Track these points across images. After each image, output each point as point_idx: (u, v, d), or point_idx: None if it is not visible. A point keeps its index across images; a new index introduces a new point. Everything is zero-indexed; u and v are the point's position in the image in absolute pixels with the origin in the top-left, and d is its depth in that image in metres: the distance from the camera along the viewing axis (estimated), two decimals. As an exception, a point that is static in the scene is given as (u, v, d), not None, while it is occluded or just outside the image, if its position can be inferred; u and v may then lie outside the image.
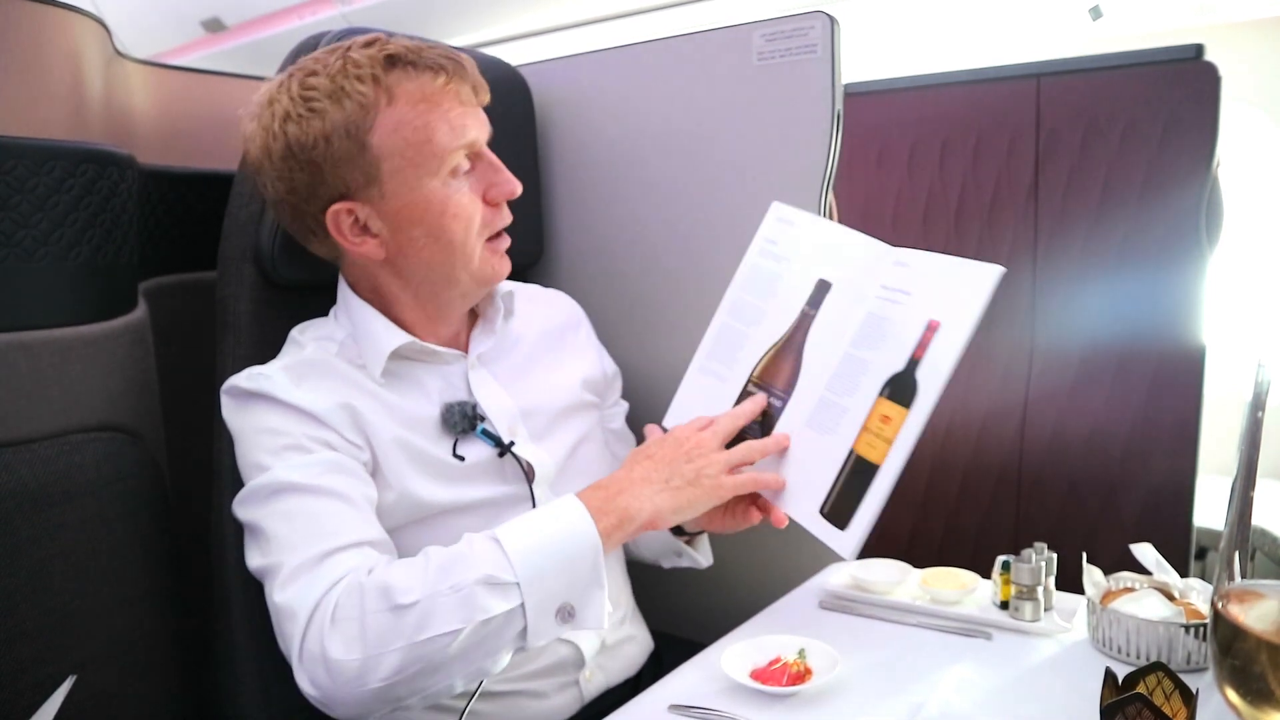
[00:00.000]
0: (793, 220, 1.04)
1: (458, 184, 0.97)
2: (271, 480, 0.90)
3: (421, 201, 0.95)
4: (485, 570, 0.82)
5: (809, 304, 0.98)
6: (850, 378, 0.93)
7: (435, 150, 0.94)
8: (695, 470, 0.93)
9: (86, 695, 0.99)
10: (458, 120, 0.95)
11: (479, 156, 0.99)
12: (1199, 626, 0.94)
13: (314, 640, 0.82)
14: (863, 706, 0.91)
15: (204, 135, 1.40)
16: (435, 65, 0.94)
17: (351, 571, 0.85)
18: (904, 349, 0.89)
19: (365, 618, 0.81)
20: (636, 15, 2.84)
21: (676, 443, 0.96)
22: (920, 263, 0.92)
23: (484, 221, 0.99)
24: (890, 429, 0.89)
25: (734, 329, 1.04)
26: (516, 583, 0.82)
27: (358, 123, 0.92)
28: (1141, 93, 1.74)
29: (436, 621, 0.80)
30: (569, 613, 0.86)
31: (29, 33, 1.09)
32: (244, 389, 0.96)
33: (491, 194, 0.99)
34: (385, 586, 0.82)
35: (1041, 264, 1.87)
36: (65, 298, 1.00)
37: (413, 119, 0.93)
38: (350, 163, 0.93)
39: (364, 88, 0.92)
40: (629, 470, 0.94)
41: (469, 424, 1.01)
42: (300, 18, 3.04)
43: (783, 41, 1.21)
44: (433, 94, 0.94)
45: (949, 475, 1.99)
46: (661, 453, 0.95)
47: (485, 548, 0.85)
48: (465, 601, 0.81)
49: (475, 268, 1.00)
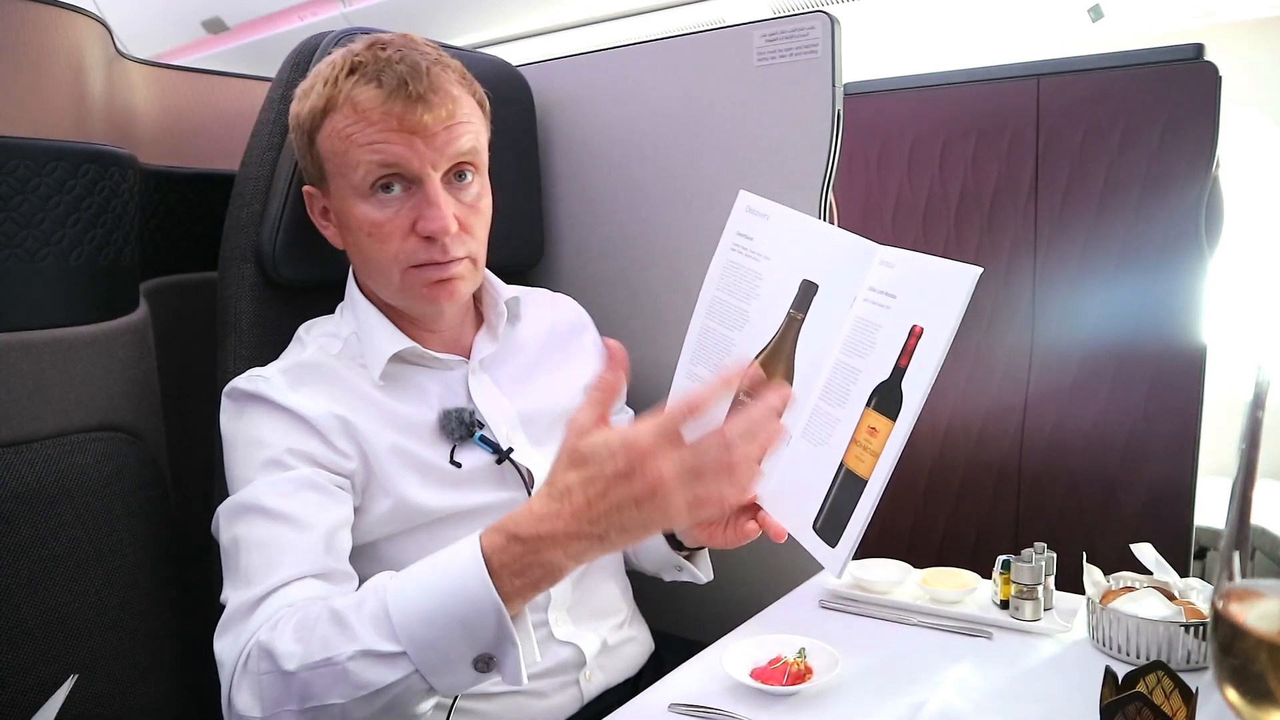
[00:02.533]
0: (765, 213, 0.98)
1: (381, 205, 0.94)
2: (245, 498, 0.91)
3: (346, 211, 0.97)
4: (365, 642, 0.76)
5: (795, 307, 0.94)
6: (841, 387, 0.88)
7: (350, 163, 0.94)
8: (649, 520, 0.73)
9: (88, 695, 0.99)
10: (379, 138, 0.92)
11: (419, 183, 0.94)
12: (1199, 626, 0.94)
13: (233, 690, 0.82)
14: (863, 706, 0.91)
15: (205, 135, 1.41)
16: (385, 80, 0.91)
17: (270, 618, 0.83)
18: (890, 356, 0.84)
19: (260, 677, 0.80)
20: (637, 15, 2.84)
21: (620, 480, 0.72)
22: (904, 263, 0.87)
23: (405, 250, 0.95)
24: (877, 441, 0.84)
25: (716, 332, 1.00)
26: (403, 652, 0.76)
27: (310, 120, 0.96)
28: (1141, 93, 1.74)
29: (318, 693, 0.77)
30: (487, 661, 0.77)
31: (31, 33, 1.09)
32: (242, 390, 0.97)
33: (419, 226, 0.94)
34: (271, 651, 0.79)
35: (1041, 264, 1.87)
36: (67, 298, 1.00)
37: (343, 129, 0.93)
38: (306, 155, 0.99)
39: (324, 89, 0.94)
40: (554, 515, 0.74)
41: (467, 431, 1.01)
42: (301, 18, 3.05)
43: (783, 41, 1.21)
44: (368, 109, 0.92)
45: (949, 475, 2.00)
46: (596, 493, 0.73)
47: (372, 608, 0.78)
48: (341, 677, 0.76)
49: (396, 289, 0.99)
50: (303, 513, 0.90)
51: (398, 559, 0.98)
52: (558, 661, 1.05)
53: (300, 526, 0.89)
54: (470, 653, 0.76)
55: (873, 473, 0.84)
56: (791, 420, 0.93)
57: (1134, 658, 0.96)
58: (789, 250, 0.96)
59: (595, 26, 2.93)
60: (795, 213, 0.96)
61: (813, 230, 0.96)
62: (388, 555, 0.98)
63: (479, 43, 3.03)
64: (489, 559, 0.75)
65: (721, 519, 1.02)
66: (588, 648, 1.08)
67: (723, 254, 1.01)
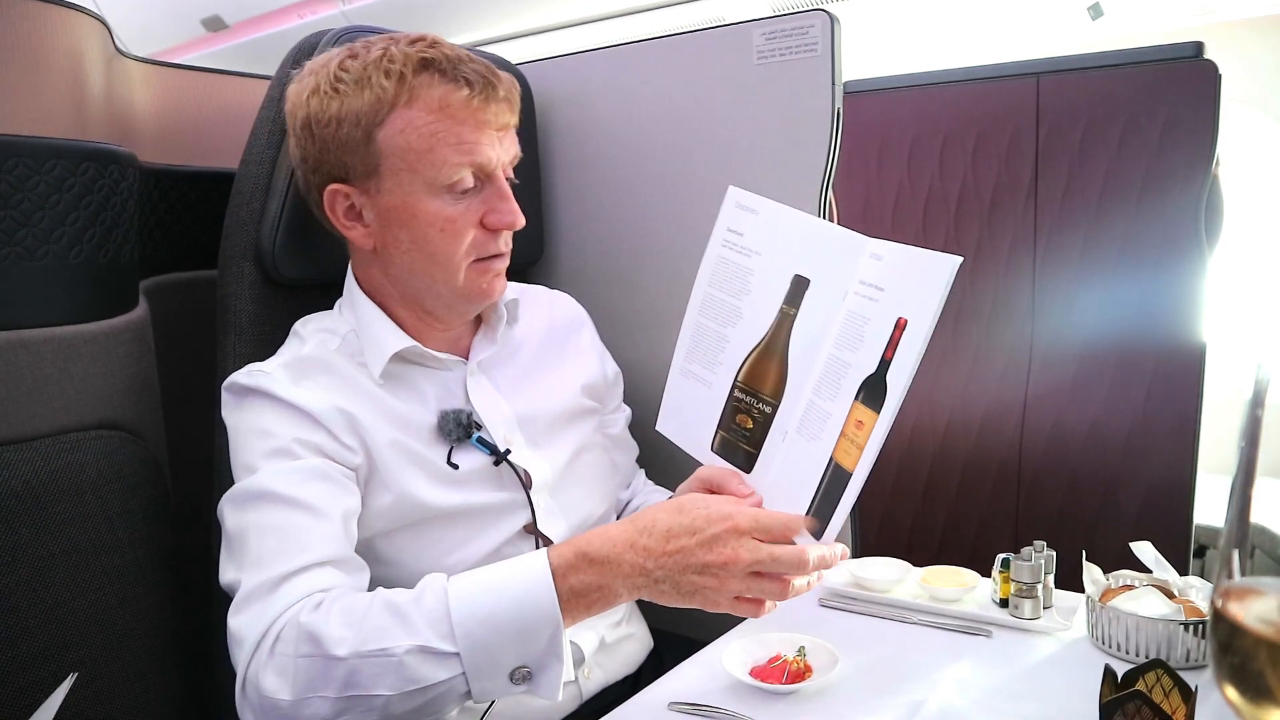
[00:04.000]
0: (755, 208, 0.98)
1: (455, 200, 0.96)
2: (254, 485, 0.90)
3: (412, 206, 0.95)
4: (423, 637, 0.78)
5: (787, 302, 0.93)
6: (833, 381, 0.88)
7: (435, 161, 0.93)
8: (700, 589, 0.81)
9: (87, 693, 0.99)
10: (469, 137, 0.94)
11: (488, 179, 0.97)
12: (1198, 624, 0.94)
13: (254, 670, 0.81)
14: (862, 704, 0.91)
15: (205, 133, 1.40)
16: (465, 78, 0.93)
17: (299, 601, 0.82)
18: (877, 349, 0.84)
19: (297, 659, 0.79)
20: (636, 14, 2.84)
21: (703, 545, 0.81)
22: (891, 255, 0.86)
23: (475, 244, 0.98)
24: (862, 434, 0.84)
25: (710, 329, 1.00)
26: (457, 653, 0.78)
27: (371, 115, 0.93)
28: (1141, 91, 1.74)
29: (365, 682, 0.78)
30: (525, 675, 0.80)
31: (30, 31, 1.09)
32: (243, 385, 0.96)
33: (490, 219, 0.97)
34: (316, 634, 0.79)
35: (1041, 262, 1.87)
36: (66, 296, 1.00)
37: (423, 125, 0.93)
38: (353, 150, 0.95)
39: (388, 83, 0.92)
40: (629, 544, 0.81)
41: (465, 432, 1.01)
42: (300, 16, 3.04)
43: (783, 40, 1.21)
44: (452, 106, 0.93)
45: (949, 473, 2.00)
46: (677, 546, 0.81)
47: (432, 605, 0.80)
48: (395, 669, 0.77)
49: (459, 285, 0.99)
50: (318, 500, 0.90)
51: (393, 555, 0.98)
52: (556, 660, 1.06)
53: (317, 513, 0.89)
54: (515, 662, 0.79)
55: (857, 465, 0.84)
56: (787, 416, 0.93)
57: (1133, 656, 0.96)
58: (779, 245, 0.96)
59: (594, 25, 2.93)
60: (785, 207, 0.95)
61: (803, 224, 0.95)
62: (386, 554, 0.98)
63: (478, 41, 3.02)
64: (556, 572, 0.80)
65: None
66: (586, 646, 1.08)
67: (714, 250, 1.01)
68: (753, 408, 0.97)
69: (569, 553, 0.81)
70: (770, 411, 0.95)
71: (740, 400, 0.98)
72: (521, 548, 1.03)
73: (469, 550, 1.00)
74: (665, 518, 0.83)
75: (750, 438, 0.97)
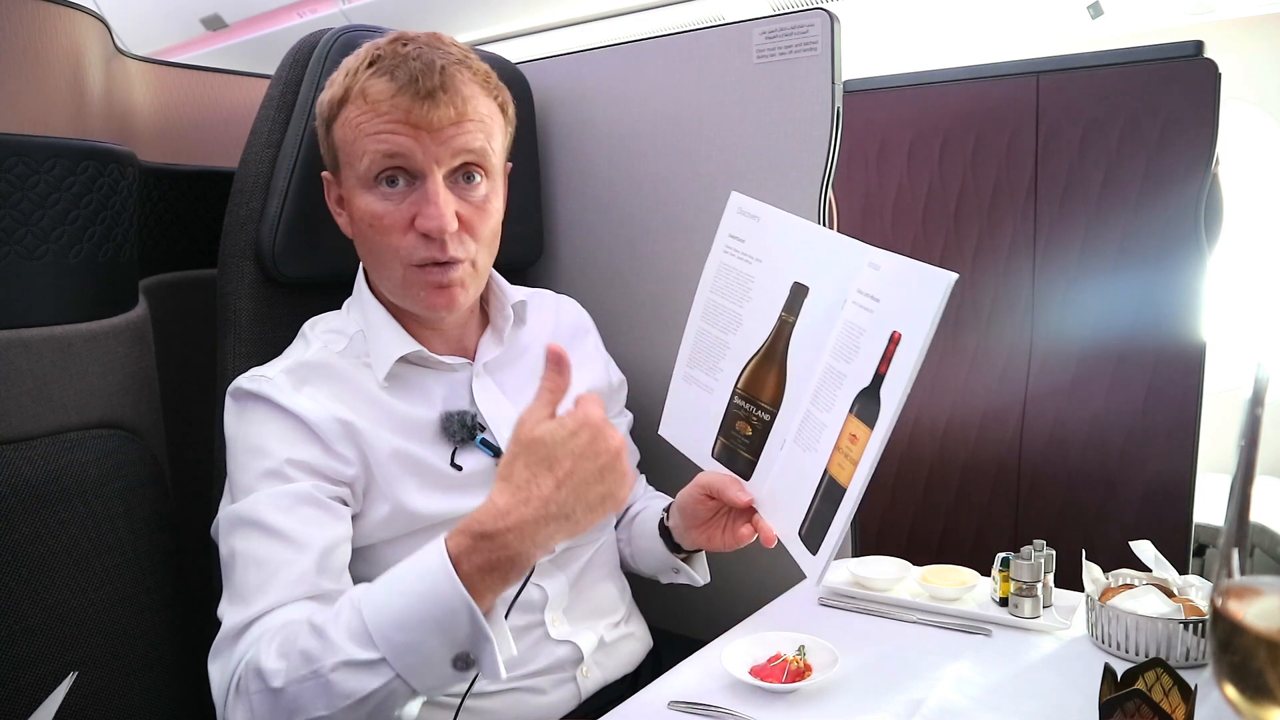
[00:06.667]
0: (756, 214, 0.98)
1: (382, 197, 0.95)
2: (244, 509, 0.91)
3: (352, 200, 0.98)
4: (344, 653, 0.78)
5: (786, 310, 0.93)
6: (829, 392, 0.87)
7: (357, 153, 0.94)
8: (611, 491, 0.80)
9: (87, 693, 0.99)
10: (386, 131, 0.92)
11: (422, 178, 0.94)
12: (1198, 623, 0.94)
13: (228, 712, 0.83)
14: (862, 703, 0.91)
15: (204, 133, 1.40)
16: (398, 74, 0.92)
17: (258, 640, 0.84)
18: (872, 362, 0.83)
19: (252, 696, 0.81)
20: (636, 13, 2.84)
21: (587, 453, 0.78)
22: (888, 266, 0.85)
23: (406, 246, 0.95)
24: (856, 449, 0.83)
25: (711, 335, 1.01)
26: (383, 658, 0.78)
27: (328, 109, 0.97)
28: (1141, 90, 1.74)
29: (305, 705, 0.79)
30: (468, 661, 0.79)
31: (30, 30, 1.09)
32: (245, 390, 0.96)
33: (417, 222, 0.94)
34: (259, 670, 0.81)
35: (1041, 261, 1.87)
36: (66, 295, 1.00)
37: (354, 120, 0.94)
38: (323, 142, 1.00)
39: (343, 79, 0.95)
40: (522, 501, 0.77)
41: (468, 433, 1.01)
42: (300, 15, 3.04)
43: (782, 39, 1.21)
44: (378, 102, 0.92)
45: (948, 472, 2.00)
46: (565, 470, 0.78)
47: (348, 617, 0.80)
48: (326, 689, 0.78)
49: (398, 285, 0.98)
50: (300, 530, 0.90)
51: (395, 561, 0.98)
52: (555, 659, 1.06)
53: (296, 546, 0.89)
54: (449, 652, 0.78)
55: (852, 480, 0.83)
56: (785, 424, 0.92)
57: (1133, 655, 0.96)
58: (780, 252, 0.95)
59: (594, 24, 2.93)
60: (786, 214, 0.95)
61: (803, 232, 0.95)
62: (387, 558, 0.98)
63: (478, 40, 3.02)
64: (456, 560, 0.77)
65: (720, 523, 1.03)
66: (585, 645, 1.08)
67: (715, 256, 1.01)
68: (752, 415, 0.97)
69: (464, 537, 0.78)
70: (769, 419, 0.94)
71: (740, 407, 0.97)
72: None
73: None
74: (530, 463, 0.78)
75: (750, 445, 0.97)
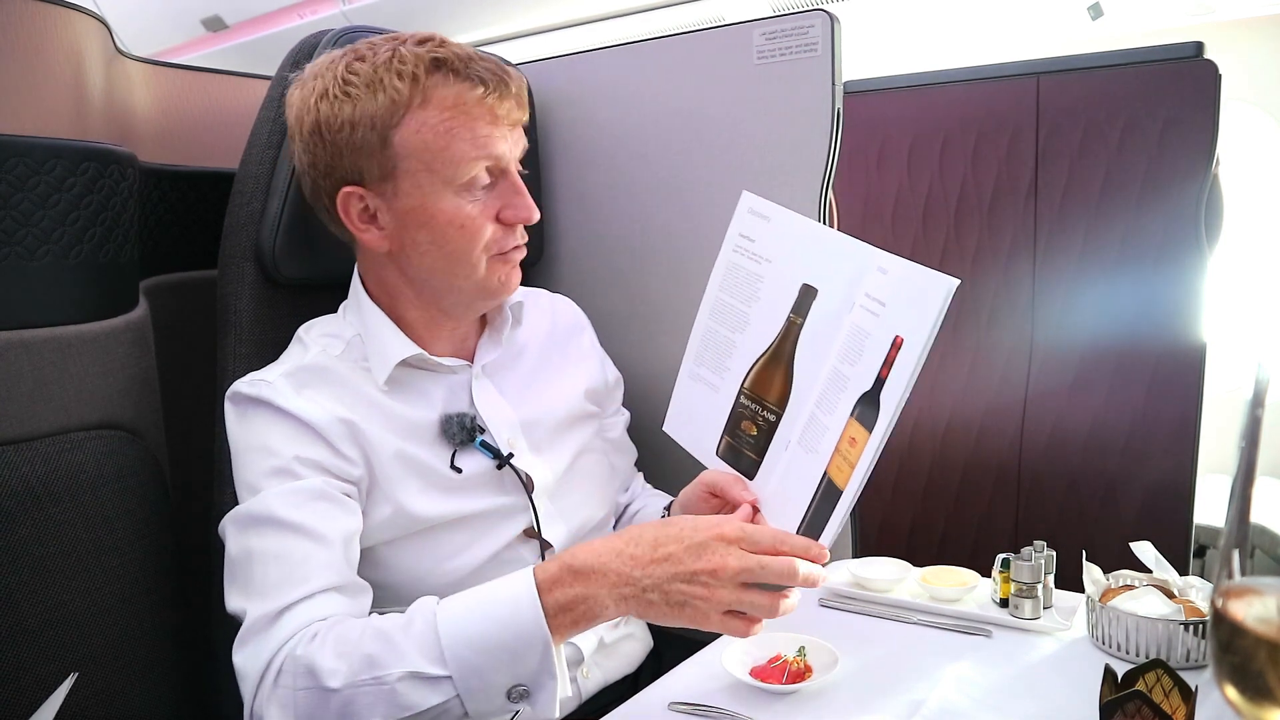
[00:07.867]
0: (767, 214, 0.98)
1: (472, 197, 0.96)
2: (256, 507, 0.90)
3: (430, 207, 0.95)
4: (412, 664, 0.78)
5: (794, 311, 0.93)
6: (833, 394, 0.87)
7: (452, 159, 0.94)
8: (690, 599, 0.79)
9: (87, 693, 0.99)
10: (484, 134, 0.94)
11: (503, 174, 0.98)
12: (1198, 624, 0.94)
13: (259, 705, 0.82)
14: (862, 704, 0.91)
15: (205, 133, 1.40)
16: (477, 77, 0.93)
17: (298, 633, 0.83)
18: (874, 366, 0.83)
19: (296, 692, 0.80)
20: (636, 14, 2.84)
21: (690, 552, 0.79)
22: (895, 269, 0.85)
23: (493, 239, 0.98)
24: (854, 452, 0.83)
25: (719, 334, 1.00)
26: (449, 676, 0.78)
27: (386, 117, 0.93)
28: (1141, 91, 1.74)
29: (360, 711, 0.78)
30: (522, 694, 0.80)
31: (30, 31, 1.09)
32: (245, 395, 0.96)
33: (506, 214, 0.98)
34: (312, 667, 0.80)
35: (1041, 262, 1.87)
36: (66, 296, 1.00)
37: (438, 124, 0.93)
38: (369, 154, 0.94)
39: (401, 84, 0.92)
40: (616, 553, 0.80)
41: (467, 435, 1.01)
42: (301, 16, 3.04)
43: (783, 40, 1.21)
44: (466, 104, 0.93)
45: (949, 473, 2.00)
46: (664, 553, 0.79)
47: (421, 630, 0.80)
48: (387, 697, 0.78)
49: (479, 279, 1.00)
50: (318, 524, 0.90)
51: (396, 563, 0.98)
52: (555, 660, 1.06)
53: (318, 539, 0.89)
54: (509, 681, 0.79)
55: (848, 483, 0.83)
56: (790, 425, 0.92)
57: (1133, 656, 0.96)
58: (789, 253, 0.95)
59: (594, 25, 2.93)
60: (796, 215, 0.95)
61: (813, 233, 0.95)
62: (387, 560, 0.98)
63: (477, 41, 3.02)
64: (541, 587, 0.79)
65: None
66: (585, 645, 1.08)
67: (725, 255, 1.01)
68: (758, 415, 0.97)
69: (554, 567, 0.80)
70: (774, 420, 0.94)
71: (746, 407, 0.97)
72: (522, 552, 1.03)
73: (470, 555, 1.00)
74: (652, 529, 0.82)
75: (755, 445, 0.97)
